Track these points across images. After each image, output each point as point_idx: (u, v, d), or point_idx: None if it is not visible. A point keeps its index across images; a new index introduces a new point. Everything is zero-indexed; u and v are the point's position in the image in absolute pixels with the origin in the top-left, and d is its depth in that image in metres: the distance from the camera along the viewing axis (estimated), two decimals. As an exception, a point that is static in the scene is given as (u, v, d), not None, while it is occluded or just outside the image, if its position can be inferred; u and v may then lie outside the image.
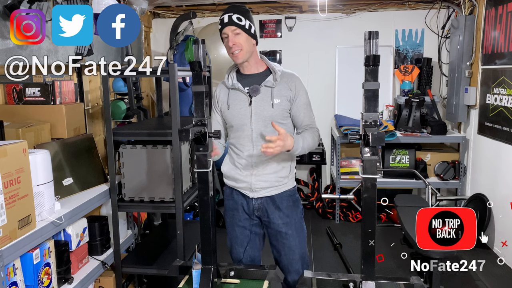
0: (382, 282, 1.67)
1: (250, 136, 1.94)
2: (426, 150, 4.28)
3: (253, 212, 2.02)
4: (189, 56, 4.01)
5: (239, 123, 1.95)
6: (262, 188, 1.97)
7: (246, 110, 1.93)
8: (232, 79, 1.99)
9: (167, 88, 2.44)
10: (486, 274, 3.12)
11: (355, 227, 4.13)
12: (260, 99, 1.92)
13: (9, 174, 1.62)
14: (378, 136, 1.43)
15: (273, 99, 1.91)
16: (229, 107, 1.96)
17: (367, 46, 1.53)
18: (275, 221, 1.99)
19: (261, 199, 2.00)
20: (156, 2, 4.11)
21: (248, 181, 1.97)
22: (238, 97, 1.95)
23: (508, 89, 3.27)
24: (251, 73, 1.98)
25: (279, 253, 2.04)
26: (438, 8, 4.35)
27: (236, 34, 1.87)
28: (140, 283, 2.91)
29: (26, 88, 2.43)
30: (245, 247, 2.05)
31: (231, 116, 1.96)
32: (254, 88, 1.91)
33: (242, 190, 2.01)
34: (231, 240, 2.08)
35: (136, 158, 2.41)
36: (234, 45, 1.86)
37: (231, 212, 2.07)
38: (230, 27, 1.86)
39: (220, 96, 2.01)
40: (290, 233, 1.99)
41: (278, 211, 1.99)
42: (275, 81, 1.93)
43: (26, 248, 1.74)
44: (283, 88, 1.94)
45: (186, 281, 1.87)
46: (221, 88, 2.03)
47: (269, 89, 1.92)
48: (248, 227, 2.05)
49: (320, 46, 4.58)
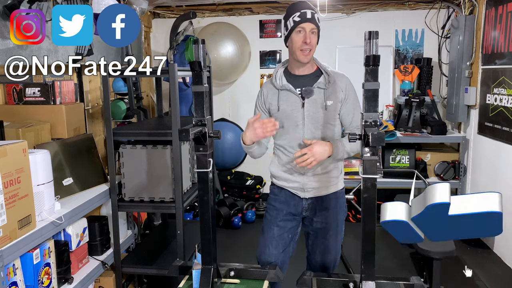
0: (382, 282, 1.67)
1: (302, 137, 1.91)
2: (426, 150, 4.28)
3: (301, 212, 2.01)
4: (189, 56, 4.01)
5: (290, 125, 1.92)
6: (314, 188, 1.96)
7: (298, 112, 1.90)
8: (281, 80, 1.94)
9: (167, 88, 2.44)
10: (486, 274, 3.12)
11: (355, 227, 4.13)
12: (312, 101, 1.89)
13: (9, 174, 1.62)
14: (378, 136, 1.43)
15: (326, 101, 1.88)
16: (280, 109, 1.93)
17: (367, 46, 1.53)
18: (320, 219, 2.00)
19: (312, 199, 1.99)
20: (156, 2, 4.11)
21: (300, 181, 1.96)
22: (290, 98, 1.91)
23: (508, 89, 3.27)
24: (302, 74, 1.95)
25: (314, 250, 2.04)
26: (438, 8, 4.35)
27: (313, 33, 1.84)
28: (140, 283, 2.91)
29: (26, 88, 2.43)
30: (279, 251, 2.02)
31: (282, 117, 1.93)
32: (307, 90, 1.87)
33: (293, 190, 2.00)
34: (266, 240, 2.03)
35: (136, 158, 2.41)
36: (310, 43, 1.83)
37: (276, 211, 2.03)
38: (311, 24, 1.83)
39: (269, 97, 1.97)
40: (331, 233, 1.99)
41: (325, 211, 1.99)
42: (328, 83, 1.89)
43: (26, 248, 1.74)
44: (335, 89, 1.90)
45: (186, 281, 1.87)
46: (269, 88, 1.98)
47: (321, 90, 1.89)
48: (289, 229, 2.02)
49: (320, 46, 4.54)
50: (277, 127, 1.77)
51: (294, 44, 1.86)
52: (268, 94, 1.98)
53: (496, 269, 3.23)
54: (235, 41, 4.24)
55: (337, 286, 1.73)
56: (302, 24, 1.82)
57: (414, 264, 3.30)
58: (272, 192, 2.08)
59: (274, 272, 1.83)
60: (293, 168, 1.96)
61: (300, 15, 1.83)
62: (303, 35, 1.83)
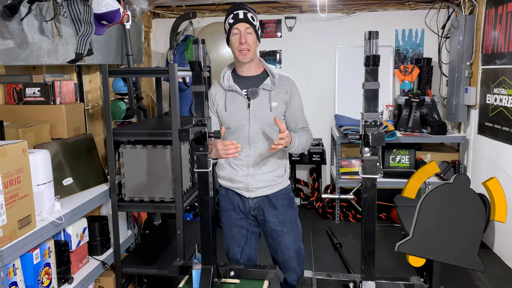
0: (382, 282, 1.67)
1: (247, 137, 1.95)
2: (426, 150, 4.28)
3: (249, 211, 2.04)
4: (189, 56, 4.01)
5: (237, 124, 1.95)
6: (258, 187, 1.99)
7: (244, 112, 1.94)
8: (229, 81, 1.98)
9: (167, 88, 2.44)
10: (486, 274, 3.12)
11: (355, 227, 4.13)
12: (258, 101, 1.93)
13: (9, 174, 1.62)
14: (378, 136, 1.43)
15: (271, 102, 1.92)
16: (227, 109, 1.96)
17: (367, 46, 1.53)
18: (271, 219, 2.02)
19: (257, 198, 2.01)
20: (156, 2, 4.11)
21: (245, 181, 1.98)
22: (236, 99, 1.95)
23: (508, 89, 3.27)
24: (248, 75, 1.98)
25: (275, 251, 2.07)
26: (438, 8, 4.35)
27: (248, 33, 1.87)
28: (140, 283, 2.91)
29: (26, 88, 2.42)
30: (242, 247, 2.06)
31: (228, 118, 1.96)
32: (253, 91, 1.91)
33: (238, 190, 2.02)
34: (228, 240, 2.09)
35: (136, 158, 2.41)
36: (245, 43, 1.85)
37: (228, 212, 2.07)
38: (244, 24, 1.86)
39: (217, 97, 2.00)
40: (285, 231, 2.02)
41: (274, 210, 2.01)
42: (273, 84, 1.94)
43: (26, 248, 1.74)
44: (280, 91, 1.95)
45: (186, 281, 1.87)
46: (217, 88, 2.02)
47: (267, 92, 1.94)
48: (245, 226, 2.06)
49: (320, 46, 4.58)
50: (239, 149, 1.79)
51: (233, 45, 1.91)
52: (216, 94, 2.00)
53: (496, 269, 3.23)
54: (235, 41, 4.23)
55: (337, 286, 1.73)
56: (236, 25, 1.87)
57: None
58: (220, 194, 2.11)
59: (274, 272, 1.83)
60: (239, 167, 1.98)
61: (233, 16, 1.88)
62: (238, 35, 1.87)
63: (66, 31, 2.48)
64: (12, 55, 2.07)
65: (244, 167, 1.98)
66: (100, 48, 2.97)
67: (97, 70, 3.41)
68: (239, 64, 1.97)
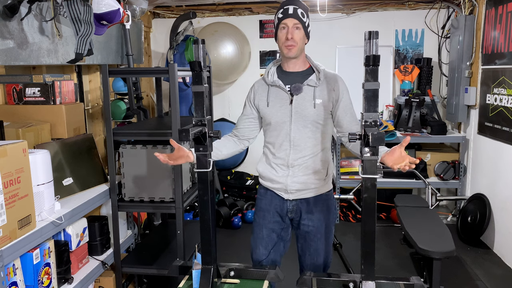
0: (382, 282, 1.67)
1: (288, 135, 1.90)
2: (426, 150, 4.28)
3: (286, 214, 2.00)
4: (189, 56, 4.01)
5: (277, 121, 1.91)
6: (297, 190, 1.94)
7: (286, 109, 1.89)
8: (273, 76, 1.94)
9: (167, 88, 2.44)
10: (486, 274, 3.12)
11: (355, 227, 4.13)
12: (301, 98, 1.88)
13: (9, 174, 1.62)
14: (378, 136, 1.43)
15: (315, 99, 1.87)
16: (269, 104, 1.92)
17: (367, 46, 1.53)
18: (306, 222, 1.97)
19: (295, 201, 1.97)
20: (156, 2, 4.11)
21: (284, 182, 1.94)
22: (279, 94, 1.91)
23: (508, 89, 3.27)
24: (293, 71, 1.93)
25: (304, 253, 2.03)
26: (438, 8, 4.35)
27: (296, 29, 1.83)
28: (140, 283, 2.91)
29: (26, 88, 2.42)
30: (269, 250, 2.02)
31: (270, 113, 1.92)
32: (296, 87, 1.86)
33: (277, 191, 1.99)
34: (257, 240, 2.04)
35: (136, 158, 2.41)
36: (292, 38, 1.82)
37: (262, 212, 2.03)
38: (293, 20, 1.82)
39: (258, 92, 1.96)
40: (318, 236, 1.97)
41: (311, 214, 1.97)
42: (318, 80, 1.88)
43: (26, 248, 1.74)
44: (326, 88, 1.89)
45: (186, 281, 1.87)
46: (260, 84, 1.98)
47: (311, 88, 1.88)
48: (277, 230, 2.01)
49: (320, 46, 4.57)
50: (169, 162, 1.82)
51: (279, 40, 1.88)
52: (259, 89, 1.97)
53: (496, 269, 3.24)
54: (235, 41, 4.24)
55: (337, 286, 1.73)
56: (285, 20, 1.83)
57: (414, 264, 3.30)
58: (259, 193, 2.08)
59: (274, 272, 1.83)
60: (279, 166, 1.95)
61: (283, 11, 1.84)
62: (285, 31, 1.84)
63: (66, 31, 2.48)
64: (12, 55, 2.07)
65: (283, 167, 1.93)
66: (100, 48, 2.97)
67: (97, 70, 3.41)
68: (285, 60, 1.93)
